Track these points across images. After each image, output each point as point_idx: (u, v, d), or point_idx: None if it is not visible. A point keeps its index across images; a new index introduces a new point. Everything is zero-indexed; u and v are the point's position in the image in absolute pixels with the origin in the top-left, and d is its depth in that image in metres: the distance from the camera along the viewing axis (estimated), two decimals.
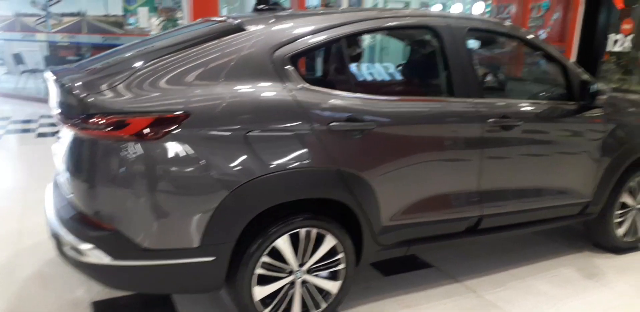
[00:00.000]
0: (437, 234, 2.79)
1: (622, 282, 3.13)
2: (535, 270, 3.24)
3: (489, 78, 3.14)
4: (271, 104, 2.23)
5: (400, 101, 2.59)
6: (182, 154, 2.06)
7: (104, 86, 2.09)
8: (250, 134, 2.15)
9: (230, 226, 2.17)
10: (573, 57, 8.37)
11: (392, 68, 3.12)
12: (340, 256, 2.48)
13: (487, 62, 4.48)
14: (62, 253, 2.24)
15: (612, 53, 9.54)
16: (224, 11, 7.83)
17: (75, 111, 2.08)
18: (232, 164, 2.13)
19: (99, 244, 2.08)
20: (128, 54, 2.46)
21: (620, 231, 3.47)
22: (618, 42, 8.74)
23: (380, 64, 3.22)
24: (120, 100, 2.04)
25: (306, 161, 2.26)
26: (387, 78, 3.03)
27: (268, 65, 2.28)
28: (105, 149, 2.06)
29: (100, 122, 2.01)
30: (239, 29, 2.38)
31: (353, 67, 2.83)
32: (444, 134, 2.64)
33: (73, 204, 2.23)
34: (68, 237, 2.15)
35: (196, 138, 2.08)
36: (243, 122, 2.15)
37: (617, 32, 8.59)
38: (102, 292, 2.75)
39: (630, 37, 8.65)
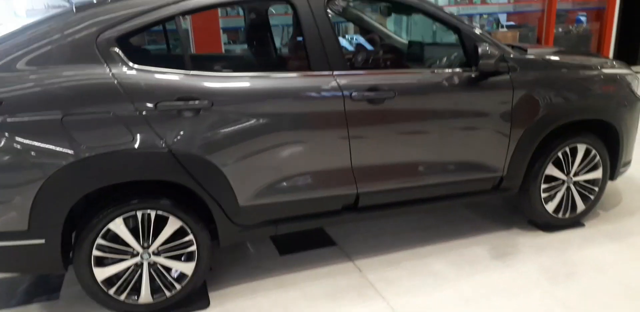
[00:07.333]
0: (309, 212, 2.71)
1: (531, 263, 2.88)
2: (443, 249, 3.07)
3: (366, 49, 2.93)
4: (89, 88, 2.26)
5: (241, 77, 2.51)
6: None
7: None
8: (66, 118, 2.19)
9: (54, 210, 2.25)
10: None
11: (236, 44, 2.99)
12: (189, 237, 2.49)
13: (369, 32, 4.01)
14: None
15: None
16: None
17: None
18: (48, 149, 2.19)
19: None
20: None
21: (551, 207, 3.18)
22: None
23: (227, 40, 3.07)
24: None
25: (130, 143, 2.27)
26: (231, 54, 2.93)
27: (92, 49, 2.29)
28: None
29: None
30: (70, 14, 2.39)
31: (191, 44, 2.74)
32: (295, 110, 2.53)
33: None
34: None
35: (10, 125, 2.15)
36: (58, 107, 2.20)
37: None
38: None
39: None
